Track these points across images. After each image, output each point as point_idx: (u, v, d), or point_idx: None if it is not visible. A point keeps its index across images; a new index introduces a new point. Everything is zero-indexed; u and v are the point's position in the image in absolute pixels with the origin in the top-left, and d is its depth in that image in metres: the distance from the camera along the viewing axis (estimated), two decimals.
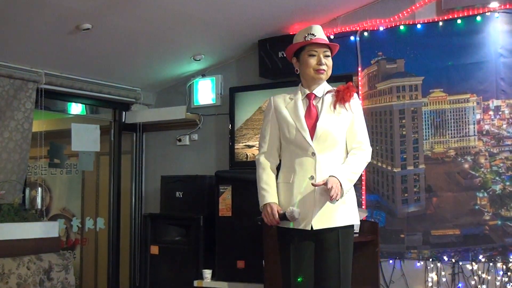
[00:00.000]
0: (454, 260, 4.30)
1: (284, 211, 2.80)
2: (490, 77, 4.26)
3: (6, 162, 4.55)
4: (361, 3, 4.73)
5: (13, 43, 4.42)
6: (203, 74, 5.66)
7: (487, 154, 4.26)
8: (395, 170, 4.57)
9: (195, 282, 4.73)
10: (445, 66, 4.41)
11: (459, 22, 4.37)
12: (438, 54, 4.44)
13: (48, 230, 4.34)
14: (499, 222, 4.17)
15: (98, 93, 5.46)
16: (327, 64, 2.88)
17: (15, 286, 3.85)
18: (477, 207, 4.26)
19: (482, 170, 4.27)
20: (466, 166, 4.33)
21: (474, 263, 4.22)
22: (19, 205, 4.38)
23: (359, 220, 3.03)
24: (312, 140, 2.82)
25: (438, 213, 4.40)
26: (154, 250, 4.99)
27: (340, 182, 2.73)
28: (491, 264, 4.16)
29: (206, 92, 5.66)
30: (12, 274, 3.85)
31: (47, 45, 4.55)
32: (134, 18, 4.31)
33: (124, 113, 5.94)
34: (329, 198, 2.70)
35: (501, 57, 4.22)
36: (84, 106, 5.91)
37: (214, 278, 4.71)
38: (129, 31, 4.53)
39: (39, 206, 5.48)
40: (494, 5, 4.24)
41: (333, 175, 2.74)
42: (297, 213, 2.75)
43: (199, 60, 5.31)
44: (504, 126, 4.21)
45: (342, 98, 2.88)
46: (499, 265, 4.14)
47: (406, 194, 4.52)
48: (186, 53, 5.21)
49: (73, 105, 5.87)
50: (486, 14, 4.27)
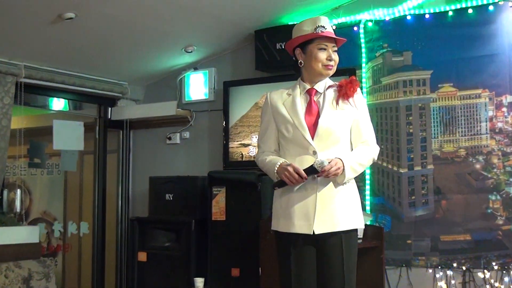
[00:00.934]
0: (464, 267, 4.30)
1: (310, 165, 2.75)
2: (503, 70, 4.26)
3: None
4: None
5: None
6: (195, 67, 5.66)
7: (500, 154, 4.25)
8: (402, 171, 4.57)
9: None
10: (455, 59, 4.42)
11: (470, 12, 4.37)
12: (448, 46, 4.44)
13: (27, 235, 4.34)
14: None
15: (81, 87, 5.44)
16: (335, 59, 2.88)
17: None
18: (489, 211, 4.26)
19: (495, 171, 4.26)
20: (478, 166, 4.33)
21: (486, 271, 4.22)
22: None
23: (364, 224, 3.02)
24: (313, 138, 2.82)
25: (447, 217, 4.40)
26: (142, 256, 4.98)
27: (343, 166, 2.75)
28: (504, 272, 4.16)
29: (198, 86, 5.64)
30: None
31: (27, 35, 4.52)
32: (120, 7, 4.29)
33: (109, 109, 5.91)
34: (322, 174, 2.71)
35: None
36: (66, 101, 5.88)
37: (206, 287, 4.64)
38: (115, 21, 4.51)
39: (18, 209, 5.45)
40: None
41: (340, 158, 2.76)
42: (326, 162, 2.71)
43: (191, 52, 5.29)
44: None
45: (345, 93, 2.88)
46: None
47: (413, 197, 4.52)
48: (177, 44, 5.19)
49: (54, 100, 5.84)
50: (499, 3, 4.27)
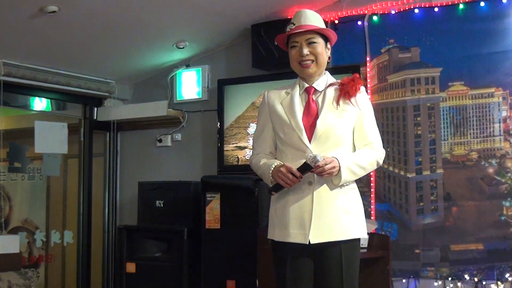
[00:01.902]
0: (477, 279, 4.31)
1: (304, 161, 2.72)
2: None
3: None
4: None
5: None
6: (188, 64, 5.67)
7: None
8: (409, 176, 4.58)
9: None
10: (466, 55, 4.44)
11: (482, 4, 4.39)
12: (459, 42, 4.46)
13: (7, 245, 4.33)
14: None
15: (65, 86, 5.44)
16: (313, 52, 2.84)
17: None
18: (503, 218, 4.27)
19: (509, 175, 4.28)
20: (491, 170, 4.34)
21: (499, 283, 4.24)
22: None
23: (367, 233, 3.02)
24: (310, 140, 2.81)
25: (458, 225, 4.41)
26: (131, 268, 4.96)
27: (339, 166, 2.72)
28: None
29: (190, 85, 5.66)
30: None
31: (6, 30, 4.52)
32: (107, 0, 4.29)
33: (95, 109, 5.93)
34: (317, 170, 2.68)
35: None
36: (49, 101, 5.88)
37: None
38: (101, 15, 4.50)
39: None
40: None
41: (336, 157, 2.74)
42: (320, 157, 2.68)
43: (183, 48, 5.31)
44: None
45: (347, 92, 2.85)
46: None
47: (421, 203, 4.53)
48: (168, 39, 5.20)
49: (36, 100, 5.84)
50: None
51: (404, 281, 4.52)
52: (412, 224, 4.54)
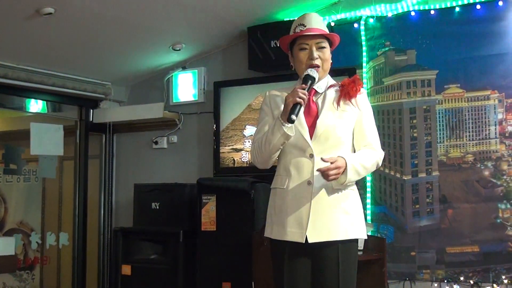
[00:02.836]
0: (472, 281, 4.34)
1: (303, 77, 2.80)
2: None
3: None
4: None
5: None
6: (184, 66, 5.70)
7: (511, 160, 4.31)
8: (405, 178, 4.60)
9: None
10: (462, 58, 4.47)
11: (479, 7, 4.43)
12: (455, 45, 4.49)
13: (2, 247, 4.33)
14: None
15: (61, 88, 5.47)
16: (322, 57, 2.87)
17: None
18: (499, 221, 4.30)
19: (505, 178, 4.31)
20: (487, 173, 4.38)
21: (495, 285, 4.26)
22: None
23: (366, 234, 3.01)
24: (311, 140, 2.82)
25: (454, 227, 4.44)
26: (126, 270, 4.98)
27: (346, 167, 2.74)
28: None
29: (187, 87, 5.69)
30: None
31: (2, 31, 4.54)
32: (103, 1, 4.31)
33: (91, 111, 5.96)
34: (325, 177, 2.69)
35: None
36: (45, 103, 5.90)
37: None
38: (97, 16, 4.51)
39: None
40: None
41: (342, 156, 2.75)
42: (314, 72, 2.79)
43: (179, 50, 5.34)
44: None
45: (347, 93, 2.88)
46: None
47: (417, 206, 4.55)
48: (164, 41, 5.22)
49: (32, 101, 5.86)
50: None
51: (400, 283, 4.54)
52: (408, 226, 4.56)
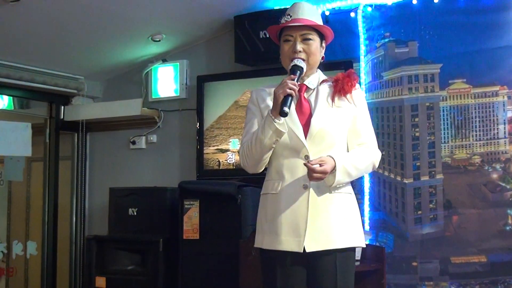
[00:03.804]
0: None
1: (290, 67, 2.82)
2: None
3: None
4: None
5: None
6: (164, 59, 5.69)
7: None
8: (406, 181, 4.57)
9: None
10: (468, 51, 4.43)
11: None
12: (460, 36, 4.46)
13: None
14: None
15: (29, 82, 5.46)
16: (306, 50, 2.86)
17: None
18: (508, 228, 4.27)
19: None
20: (495, 176, 4.34)
21: None
22: None
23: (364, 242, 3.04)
24: (305, 140, 2.82)
25: (459, 235, 4.40)
26: (101, 282, 4.96)
27: (335, 167, 2.72)
28: None
29: (167, 81, 5.68)
30: None
31: None
32: None
33: (62, 108, 5.95)
34: (309, 176, 2.70)
35: None
36: (11, 98, 5.98)
37: None
38: (70, 4, 4.51)
39: None
40: None
41: (331, 156, 2.75)
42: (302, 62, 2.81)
43: (159, 41, 5.33)
44: None
45: (341, 89, 2.88)
46: None
47: (419, 212, 4.52)
48: (142, 32, 5.22)
49: None
50: None
51: None
52: (409, 234, 4.54)
